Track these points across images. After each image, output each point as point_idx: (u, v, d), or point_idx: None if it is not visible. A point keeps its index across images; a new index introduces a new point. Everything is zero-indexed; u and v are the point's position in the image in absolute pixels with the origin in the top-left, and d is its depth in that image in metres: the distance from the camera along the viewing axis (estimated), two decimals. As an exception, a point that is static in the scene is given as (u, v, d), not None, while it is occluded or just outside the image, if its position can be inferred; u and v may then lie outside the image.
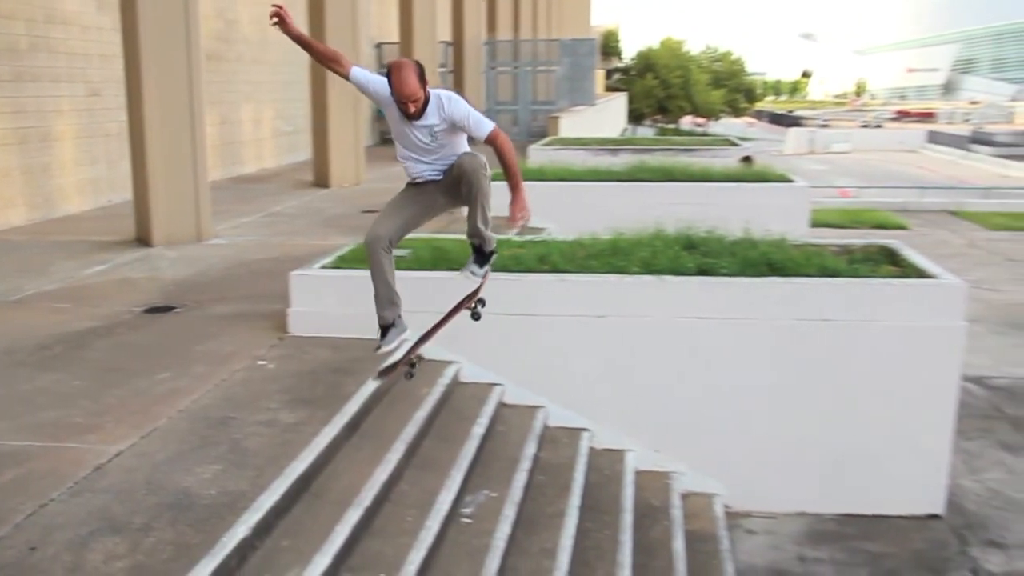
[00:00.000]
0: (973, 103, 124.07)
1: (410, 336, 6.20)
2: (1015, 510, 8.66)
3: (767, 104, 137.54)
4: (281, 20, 5.48)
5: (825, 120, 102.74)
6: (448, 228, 11.44)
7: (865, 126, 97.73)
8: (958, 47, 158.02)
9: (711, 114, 78.55)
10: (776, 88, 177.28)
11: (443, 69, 24.06)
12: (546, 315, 7.72)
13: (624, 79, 70.93)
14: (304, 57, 15.67)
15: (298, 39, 5.71)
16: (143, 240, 10.99)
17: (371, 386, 6.55)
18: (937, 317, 7.65)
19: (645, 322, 7.70)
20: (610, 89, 59.05)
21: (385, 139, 24.52)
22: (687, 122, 77.46)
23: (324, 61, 5.86)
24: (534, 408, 7.56)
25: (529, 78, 27.56)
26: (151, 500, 4.77)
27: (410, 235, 9.04)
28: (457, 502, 5.87)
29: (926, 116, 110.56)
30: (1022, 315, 16.40)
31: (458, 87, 24.68)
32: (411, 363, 6.41)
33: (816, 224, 17.92)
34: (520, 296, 7.75)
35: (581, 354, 7.75)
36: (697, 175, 13.22)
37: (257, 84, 18.69)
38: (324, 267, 8.13)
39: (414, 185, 6.00)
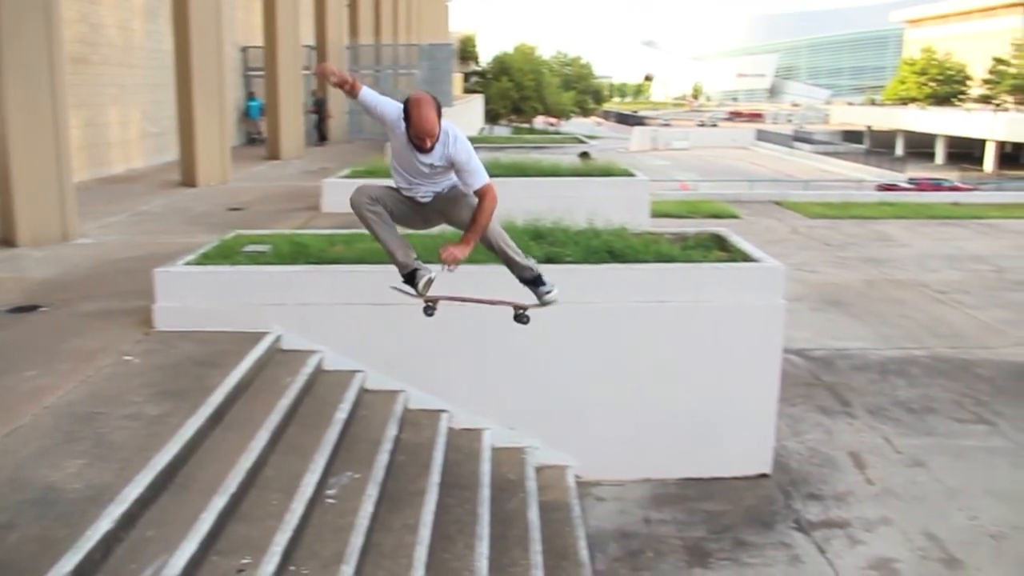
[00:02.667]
0: (795, 105, 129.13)
1: (435, 276, 5.59)
2: (831, 466, 9.07)
3: (613, 105, 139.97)
4: (346, 82, 5.12)
5: (666, 120, 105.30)
6: (309, 224, 11.26)
7: (702, 125, 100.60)
8: (779, 56, 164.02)
9: (562, 114, 79.45)
10: (622, 90, 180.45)
11: (307, 72, 23.54)
12: (404, 304, 7.61)
13: (481, 82, 71.02)
14: (169, 60, 15.23)
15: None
16: (8, 241, 10.40)
17: (235, 377, 6.40)
18: (761, 296, 7.93)
19: (496, 308, 7.69)
20: (468, 91, 58.98)
21: (251, 139, 23.90)
22: (540, 122, 78.10)
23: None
24: (395, 393, 7.50)
25: (390, 81, 27.26)
26: (15, 497, 4.54)
27: (270, 231, 8.88)
28: (321, 484, 5.78)
29: (755, 117, 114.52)
30: (837, 293, 17.15)
31: (322, 89, 24.25)
32: (432, 304, 5.93)
33: (657, 214, 18.34)
34: (378, 287, 7.62)
35: (438, 340, 7.71)
36: (547, 171, 13.30)
37: (123, 87, 17.92)
38: (188, 264, 7.86)
39: (399, 192, 5.48)
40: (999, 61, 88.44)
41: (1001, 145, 72.19)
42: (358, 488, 5.90)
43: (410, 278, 5.57)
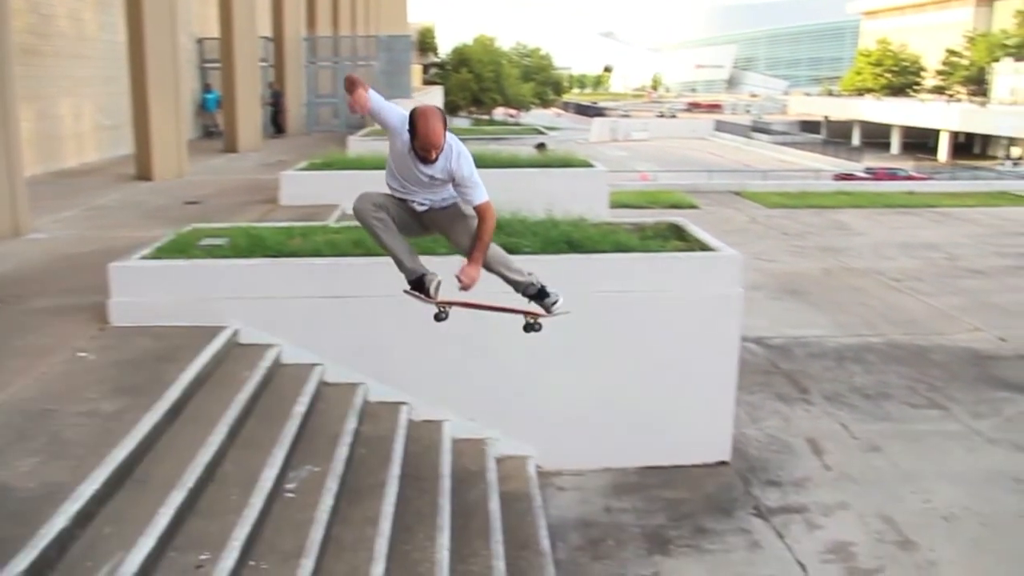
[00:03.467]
0: (753, 96, 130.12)
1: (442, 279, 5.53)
2: (789, 453, 9.19)
3: (573, 96, 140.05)
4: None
5: (626, 111, 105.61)
6: (267, 217, 11.18)
7: (661, 116, 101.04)
8: (737, 47, 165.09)
9: (522, 105, 79.43)
10: (581, 81, 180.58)
11: (264, 64, 23.32)
12: (362, 296, 7.63)
13: (440, 73, 70.81)
14: (123, 51, 15.01)
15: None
16: (-42, 237, 10.23)
17: (192, 372, 6.35)
18: (718, 285, 8.00)
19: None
20: (427, 83, 58.73)
21: (208, 132, 23.64)
22: (500, 113, 78.03)
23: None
24: (354, 385, 7.48)
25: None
26: (-34, 497, 4.47)
27: (227, 224, 8.80)
28: (281, 478, 5.75)
29: (714, 107, 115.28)
30: (795, 282, 17.35)
31: (279, 81, 24.05)
32: (443, 309, 5.82)
33: (616, 205, 18.41)
34: (336, 279, 7.65)
35: (397, 332, 7.70)
36: (505, 162, 13.28)
37: (76, 79, 17.62)
38: (144, 258, 7.78)
39: (398, 199, 5.37)
40: (952, 53, 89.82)
41: (955, 135, 73.36)
42: (318, 481, 5.87)
43: (418, 284, 5.52)
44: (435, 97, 45.23)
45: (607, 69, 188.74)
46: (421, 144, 4.83)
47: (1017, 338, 13.65)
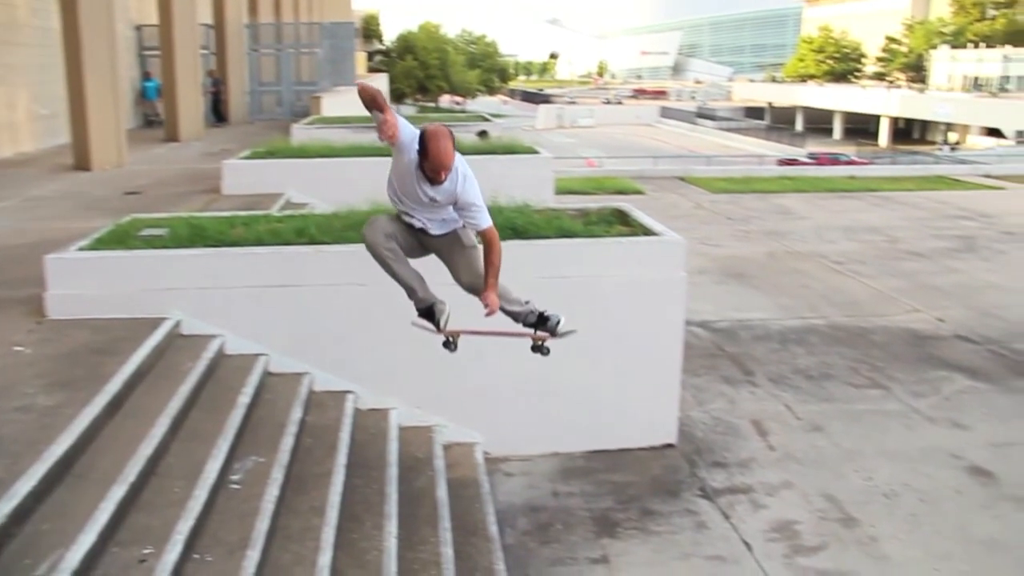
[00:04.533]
0: (698, 83, 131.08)
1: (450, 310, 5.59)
2: (734, 434, 9.30)
3: (519, 83, 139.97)
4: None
5: (572, 98, 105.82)
6: (210, 207, 11.04)
7: (607, 103, 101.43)
8: (682, 34, 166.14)
9: (468, 93, 79.24)
10: (527, 68, 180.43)
11: (205, 51, 22.93)
12: (306, 285, 7.58)
13: (385, 61, 70.37)
14: (58, 39, 14.67)
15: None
16: None
17: (133, 364, 6.26)
18: (662, 270, 8.07)
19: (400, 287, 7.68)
20: (372, 70, 58.30)
21: (148, 121, 23.22)
22: (446, 100, 77.77)
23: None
24: (300, 375, 7.42)
25: (291, 60, 26.74)
26: None
27: (167, 214, 8.68)
28: (225, 470, 5.70)
29: (659, 94, 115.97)
30: (740, 266, 17.54)
31: (221, 69, 23.68)
32: (451, 339, 5.87)
33: (562, 191, 18.46)
34: (279, 268, 7.57)
35: (342, 321, 7.66)
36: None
37: (9, 66, 17.19)
38: (82, 249, 7.63)
39: (400, 219, 5.31)
40: (891, 40, 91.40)
41: (894, 121, 74.72)
42: (263, 472, 5.83)
43: (428, 313, 5.53)
44: (380, 85, 44.90)
45: (553, 56, 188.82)
46: (431, 165, 4.75)
47: (954, 318, 13.95)
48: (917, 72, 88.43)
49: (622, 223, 8.72)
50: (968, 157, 49.94)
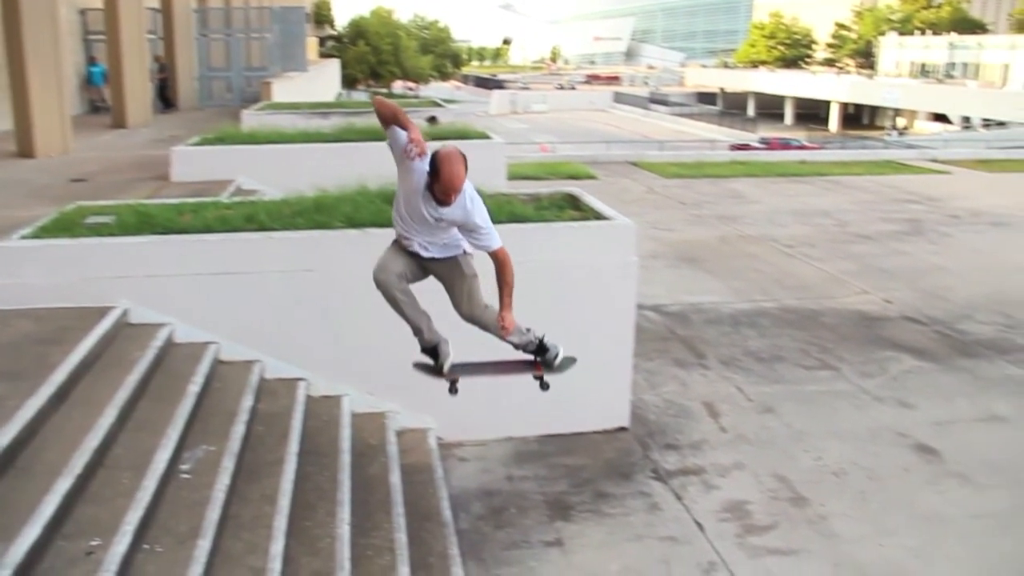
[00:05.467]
0: (651, 68, 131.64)
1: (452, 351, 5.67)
2: (687, 416, 9.39)
3: (472, 69, 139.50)
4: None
5: (525, 83, 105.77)
6: (158, 194, 10.88)
7: (561, 88, 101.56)
8: (634, 20, 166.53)
9: (421, 79, 78.69)
10: (480, 54, 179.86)
11: (152, 36, 22.55)
12: (256, 272, 7.50)
13: (337, 46, 69.61)
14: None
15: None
16: None
17: (79, 354, 6.16)
18: (613, 254, 8.10)
19: (352, 273, 7.59)
20: (324, 56, 57.66)
21: (95, 107, 22.78)
22: (399, 86, 77.28)
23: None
24: (250, 363, 7.35)
25: (242, 45, 26.40)
26: None
27: (114, 202, 8.54)
28: (175, 460, 5.65)
29: (612, 79, 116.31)
30: (692, 250, 17.67)
31: (169, 54, 23.31)
32: (455, 381, 5.93)
33: (515, 177, 18.45)
34: (229, 255, 7.49)
35: (293, 308, 7.60)
36: (402, 135, 13.18)
37: (-53, 52, 16.84)
38: (25, 237, 7.49)
39: (401, 247, 5.32)
40: (841, 26, 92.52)
41: (844, 106, 75.70)
42: (214, 461, 5.78)
43: (432, 353, 5.60)
44: (332, 71, 44.53)
45: (506, 42, 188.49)
46: (443, 188, 4.75)
47: (902, 300, 14.18)
48: (866, 58, 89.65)
49: (573, 208, 8.75)
50: (915, 142, 50.80)
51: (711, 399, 9.92)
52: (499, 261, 5.19)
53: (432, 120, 15.78)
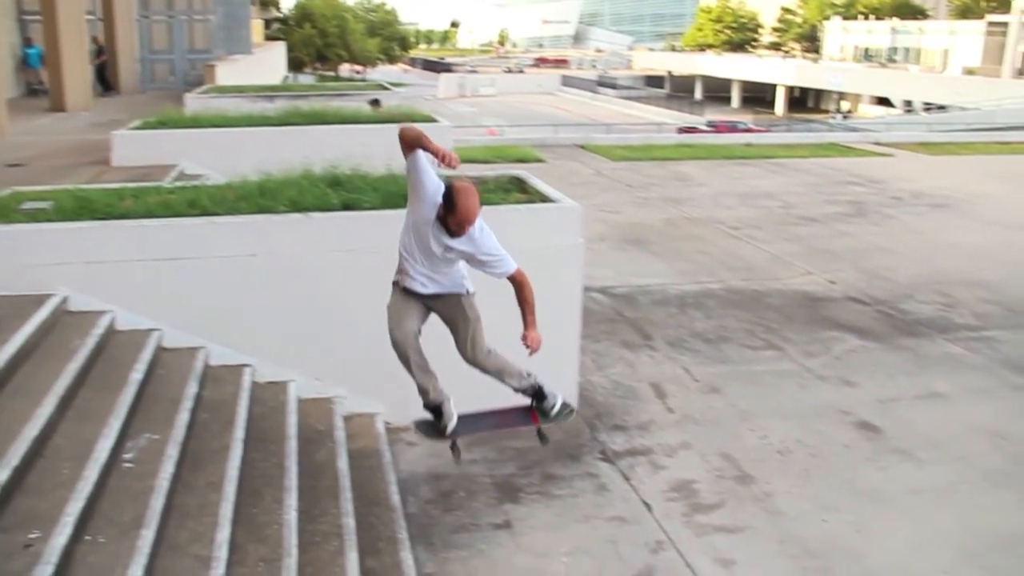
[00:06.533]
0: (599, 51, 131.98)
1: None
2: (633, 397, 9.46)
3: (420, 52, 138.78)
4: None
5: (473, 67, 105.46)
6: (98, 179, 10.69)
7: (509, 72, 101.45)
8: (582, 2, 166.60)
9: (368, 62, 78.07)
10: (428, 37, 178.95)
11: (91, 17, 22.08)
12: (199, 258, 7.39)
13: (283, 29, 68.75)
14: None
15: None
16: None
17: (16, 344, 6.04)
18: (559, 236, 8.12)
19: (296, 257, 7.58)
20: (269, 39, 56.92)
21: (32, 90, 22.25)
22: (346, 70, 76.60)
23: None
24: (194, 349, 7.25)
25: (184, 27, 26.02)
26: None
27: (51, 187, 8.37)
28: (117, 449, 5.55)
29: (560, 63, 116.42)
30: (639, 233, 17.76)
31: (109, 35, 22.85)
32: (455, 445, 6.14)
33: (462, 160, 18.31)
34: (171, 241, 7.37)
35: (237, 293, 7.51)
36: (348, 118, 13.10)
37: None
38: (-43, 224, 7.31)
39: (402, 290, 5.40)
40: (786, 11, 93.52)
41: (790, 90, 76.61)
42: (158, 449, 5.70)
43: (436, 412, 5.75)
44: (278, 53, 43.98)
45: (454, 24, 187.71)
46: (457, 220, 4.88)
47: (845, 280, 14.40)
48: (811, 42, 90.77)
49: (520, 191, 8.75)
50: (859, 125, 51.52)
51: (658, 380, 10.00)
52: (517, 283, 5.32)
53: (374, 103, 15.69)
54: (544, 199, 8.40)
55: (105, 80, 22.74)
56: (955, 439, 8.71)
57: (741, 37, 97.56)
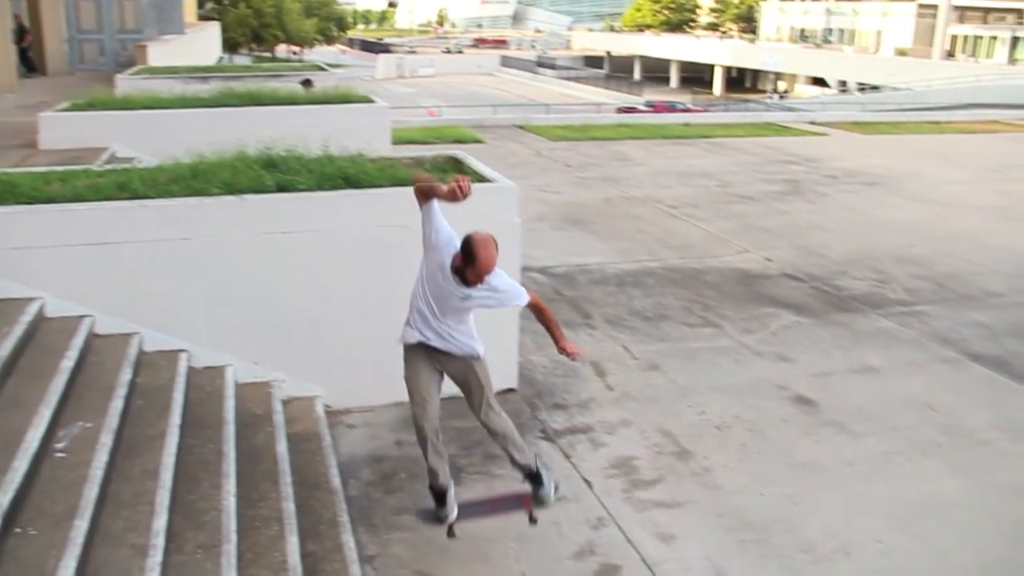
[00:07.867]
0: (538, 32, 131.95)
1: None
2: (574, 376, 9.52)
3: (358, 32, 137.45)
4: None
5: (412, 47, 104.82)
6: (25, 163, 10.44)
7: (448, 52, 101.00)
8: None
9: (305, 42, 77.13)
10: (366, 17, 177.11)
11: (13, -4, 21.49)
12: (130, 242, 7.24)
13: (217, 8, 67.55)
14: None
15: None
16: None
17: (-60, 331, 5.87)
18: (496, 216, 8.10)
19: (231, 241, 7.46)
20: (203, 19, 55.90)
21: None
22: (283, 50, 75.60)
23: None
24: (128, 335, 7.12)
25: (113, 5, 25.40)
26: None
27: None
28: (48, 438, 5.44)
29: (500, 43, 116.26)
30: (578, 212, 17.82)
31: (33, 15, 22.26)
32: (452, 530, 6.11)
33: (401, 141, 18.28)
34: (101, 225, 7.22)
35: (171, 277, 7.38)
36: (283, 99, 12.95)
37: None
38: None
39: (411, 350, 5.66)
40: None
41: (728, 70, 77.44)
42: (91, 438, 5.60)
43: (439, 498, 5.84)
44: (212, 34, 43.19)
45: (392, 4, 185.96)
46: (477, 271, 5.09)
47: (781, 258, 14.62)
48: (748, 23, 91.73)
49: (457, 171, 8.72)
50: (795, 105, 52.29)
51: (598, 358, 10.07)
52: (536, 309, 5.68)
53: (307, 83, 15.50)
54: (481, 179, 8.39)
55: (29, 61, 22.14)
56: (888, 411, 8.91)
57: (679, 18, 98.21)
